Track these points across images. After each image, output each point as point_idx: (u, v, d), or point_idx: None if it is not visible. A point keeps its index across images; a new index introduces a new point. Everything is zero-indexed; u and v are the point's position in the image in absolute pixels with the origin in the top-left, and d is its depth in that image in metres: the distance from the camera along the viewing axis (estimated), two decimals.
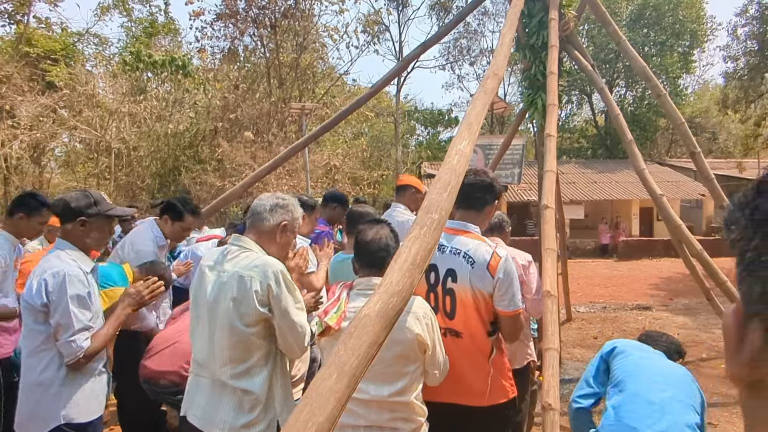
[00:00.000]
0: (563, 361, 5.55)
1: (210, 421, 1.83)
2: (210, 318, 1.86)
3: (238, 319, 1.80)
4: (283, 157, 5.70)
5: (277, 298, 1.80)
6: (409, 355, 1.84)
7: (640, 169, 4.39)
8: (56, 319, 1.98)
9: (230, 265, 1.87)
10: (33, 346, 2.02)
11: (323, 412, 1.11)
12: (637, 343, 2.37)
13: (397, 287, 1.43)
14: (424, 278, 2.12)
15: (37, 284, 1.99)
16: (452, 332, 2.09)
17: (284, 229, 1.99)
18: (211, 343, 1.85)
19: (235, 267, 1.85)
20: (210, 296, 1.86)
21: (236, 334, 1.80)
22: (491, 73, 2.70)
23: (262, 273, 1.80)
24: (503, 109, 10.04)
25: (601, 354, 2.32)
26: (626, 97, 27.18)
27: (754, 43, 14.70)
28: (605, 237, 18.02)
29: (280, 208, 1.99)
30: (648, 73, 4.64)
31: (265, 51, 17.86)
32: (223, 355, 1.82)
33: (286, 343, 1.86)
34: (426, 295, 2.13)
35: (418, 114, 31.66)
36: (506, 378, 2.16)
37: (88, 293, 2.07)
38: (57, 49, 17.02)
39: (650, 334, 2.49)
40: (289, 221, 2.01)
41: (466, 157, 2.01)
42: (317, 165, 15.07)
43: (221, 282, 1.85)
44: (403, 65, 7.01)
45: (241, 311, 1.80)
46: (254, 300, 1.77)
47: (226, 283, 1.84)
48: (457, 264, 2.07)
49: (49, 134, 14.48)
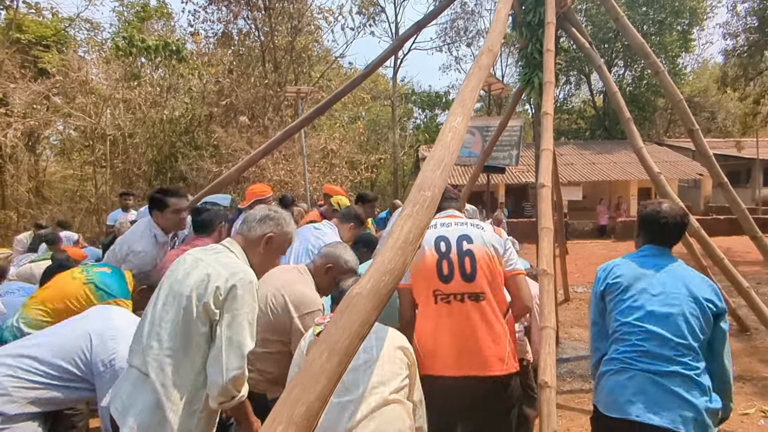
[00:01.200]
0: (561, 341, 5.59)
1: (125, 415, 1.72)
2: (166, 298, 1.79)
3: (192, 305, 1.73)
4: (278, 140, 5.64)
5: (232, 305, 1.72)
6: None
7: (638, 147, 4.35)
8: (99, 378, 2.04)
9: (209, 257, 1.84)
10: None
11: (314, 390, 1.10)
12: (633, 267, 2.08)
13: (389, 265, 1.41)
14: (432, 249, 2.16)
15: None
16: (472, 296, 2.10)
17: (269, 241, 1.96)
18: (152, 324, 1.77)
19: (212, 260, 1.82)
20: (178, 276, 1.82)
21: (184, 320, 1.72)
22: (486, 49, 2.65)
23: (230, 273, 1.76)
24: (501, 90, 9.93)
25: (595, 292, 2.19)
26: (625, 76, 26.95)
27: (754, 19, 14.50)
28: (603, 218, 18.02)
29: (270, 219, 1.98)
30: (646, 50, 4.57)
31: (260, 34, 17.60)
32: (160, 337, 1.72)
33: (214, 363, 1.70)
34: (437, 264, 2.14)
35: (416, 97, 31.45)
36: (515, 345, 2.21)
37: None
38: (48, 34, 16.76)
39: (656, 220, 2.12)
40: (276, 234, 1.98)
41: (460, 134, 1.97)
42: (314, 149, 14.96)
43: (193, 268, 1.81)
44: (397, 45, 6.90)
45: (197, 301, 1.73)
46: (212, 296, 1.71)
47: (197, 269, 1.79)
48: (467, 230, 2.21)
49: (43, 122, 14.31)
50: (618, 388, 1.93)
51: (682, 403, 1.82)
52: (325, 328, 1.83)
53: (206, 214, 3.05)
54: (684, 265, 2.10)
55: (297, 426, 1.01)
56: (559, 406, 3.84)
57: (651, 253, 2.11)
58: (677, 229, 2.10)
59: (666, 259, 2.08)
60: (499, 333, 2.10)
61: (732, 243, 11.27)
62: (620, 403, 1.90)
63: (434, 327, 2.11)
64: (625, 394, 1.89)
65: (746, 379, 4.49)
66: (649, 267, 2.05)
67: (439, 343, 2.08)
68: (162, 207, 3.11)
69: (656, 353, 1.88)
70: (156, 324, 1.75)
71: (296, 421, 1.02)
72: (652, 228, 2.12)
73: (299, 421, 1.02)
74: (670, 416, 1.81)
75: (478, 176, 7.16)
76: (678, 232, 2.12)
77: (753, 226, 4.39)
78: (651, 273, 2.02)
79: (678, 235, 2.14)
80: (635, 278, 2.02)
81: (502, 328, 2.13)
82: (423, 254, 2.17)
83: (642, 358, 1.90)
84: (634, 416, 1.84)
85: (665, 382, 1.85)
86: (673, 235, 2.12)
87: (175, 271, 1.86)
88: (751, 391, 4.23)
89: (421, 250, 2.17)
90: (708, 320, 1.92)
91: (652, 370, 1.87)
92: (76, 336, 2.02)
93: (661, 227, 2.09)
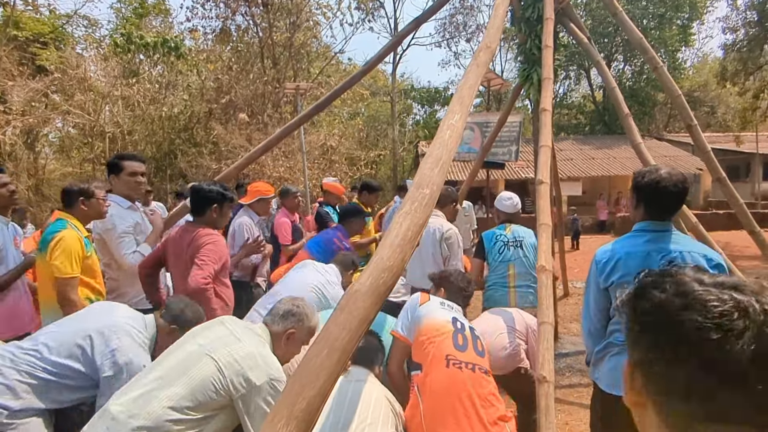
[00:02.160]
0: (560, 336, 5.61)
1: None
2: (189, 357, 1.76)
3: (216, 379, 1.72)
4: (277, 137, 5.64)
5: (258, 398, 1.73)
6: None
7: (636, 143, 4.35)
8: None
9: (247, 339, 1.84)
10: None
11: (314, 386, 1.11)
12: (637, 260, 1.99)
13: (387, 263, 1.43)
14: (449, 321, 2.32)
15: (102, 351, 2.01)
16: (482, 370, 2.21)
17: (290, 337, 1.99)
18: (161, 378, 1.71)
19: (250, 344, 1.82)
20: (210, 341, 1.81)
21: (202, 385, 1.70)
22: (484, 46, 2.65)
23: (266, 366, 1.78)
24: (500, 86, 9.92)
25: (596, 282, 2.11)
26: (624, 71, 26.88)
27: (754, 13, 14.46)
28: (603, 213, 18.04)
29: (292, 315, 2.02)
30: (645, 45, 4.56)
31: (258, 30, 17.54)
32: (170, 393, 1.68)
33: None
34: (453, 335, 2.24)
35: (415, 92, 31.36)
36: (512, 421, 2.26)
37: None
38: (46, 31, 16.71)
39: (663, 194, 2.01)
40: (297, 330, 2.01)
41: (458, 131, 1.98)
42: (314, 146, 14.96)
43: (229, 343, 1.80)
44: (396, 41, 6.89)
45: (222, 377, 1.72)
46: (239, 382, 1.72)
47: (232, 346, 1.79)
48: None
49: (41, 119, 14.30)
50: (619, 367, 1.98)
51: None
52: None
53: (199, 195, 3.01)
54: (685, 242, 2.02)
55: (298, 420, 1.03)
56: (558, 401, 3.87)
57: (653, 237, 2.00)
58: (678, 196, 2.00)
59: (667, 240, 1.99)
60: (505, 411, 2.17)
61: (731, 238, 11.28)
62: (621, 381, 1.94)
63: (446, 389, 2.07)
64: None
65: None
66: (655, 258, 1.97)
67: (445, 404, 2.05)
68: (117, 170, 3.08)
69: None
70: (171, 378, 1.72)
71: (297, 416, 1.04)
72: (651, 198, 2.01)
73: (300, 416, 1.04)
74: None
75: (478, 172, 7.16)
76: (679, 200, 2.03)
77: (751, 221, 4.40)
78: (656, 266, 1.95)
79: (679, 203, 2.04)
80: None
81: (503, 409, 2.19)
82: (439, 320, 2.28)
83: None
84: None
85: None
86: (674, 204, 2.03)
87: (206, 334, 1.86)
88: None
89: (439, 319, 2.30)
90: None
91: None
92: (76, 331, 2.03)
93: (661, 196, 1.98)
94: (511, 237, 3.72)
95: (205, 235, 2.79)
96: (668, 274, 0.65)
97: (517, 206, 3.99)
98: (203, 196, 2.93)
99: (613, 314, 2.06)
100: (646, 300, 0.64)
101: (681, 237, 2.03)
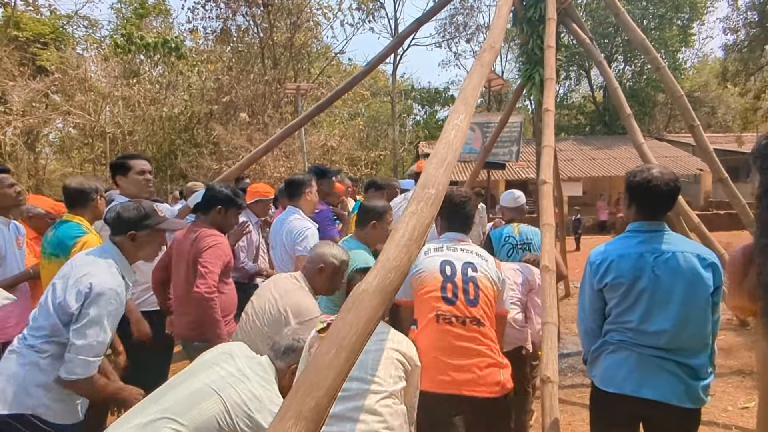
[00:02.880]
0: (562, 336, 5.61)
1: None
2: (194, 388, 1.75)
3: (222, 417, 1.70)
4: (279, 138, 5.65)
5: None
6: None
7: (639, 143, 4.35)
8: (80, 331, 1.87)
9: (254, 378, 1.83)
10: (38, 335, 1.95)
11: (323, 386, 1.11)
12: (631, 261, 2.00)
13: (394, 262, 1.42)
14: (437, 272, 2.20)
15: (77, 287, 1.91)
16: (474, 321, 2.12)
17: (293, 372, 1.97)
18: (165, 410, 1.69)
19: (255, 384, 1.81)
20: (218, 372, 1.80)
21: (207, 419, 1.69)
22: (488, 46, 2.66)
23: (265, 410, 1.75)
24: (501, 86, 9.94)
25: (591, 284, 2.11)
26: (625, 72, 26.92)
27: (755, 13, 14.49)
28: (603, 213, 18.05)
29: (293, 351, 1.98)
30: (647, 46, 4.57)
31: (258, 31, 17.57)
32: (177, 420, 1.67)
33: None
34: (441, 286, 2.16)
35: (415, 93, 31.40)
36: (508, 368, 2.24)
37: (119, 314, 2.00)
38: (46, 32, 16.74)
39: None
40: (299, 364, 1.98)
41: (463, 131, 1.98)
42: (314, 146, 14.97)
43: (236, 382, 1.79)
44: (397, 42, 6.90)
45: (227, 416, 1.71)
46: (242, 421, 1.71)
47: (240, 385, 1.78)
48: (472, 258, 2.26)
49: (42, 120, 14.30)
50: (614, 365, 2.01)
51: (673, 378, 1.91)
52: (327, 324, 1.86)
53: (207, 194, 3.00)
54: (677, 241, 2.03)
55: (307, 420, 1.03)
56: (561, 401, 3.86)
57: (646, 238, 2.03)
58: (670, 195, 2.02)
59: (660, 241, 2.01)
60: (497, 358, 2.14)
61: (732, 238, 11.24)
62: (617, 379, 1.99)
63: (433, 345, 2.10)
64: (621, 372, 1.98)
65: (746, 373, 4.51)
66: (648, 259, 1.99)
67: (437, 360, 2.08)
68: (125, 170, 3.04)
69: (653, 344, 1.95)
70: (177, 412, 1.70)
71: (306, 416, 1.04)
72: (643, 197, 2.03)
73: (309, 416, 1.04)
74: (661, 390, 1.90)
75: (479, 172, 7.17)
76: (671, 199, 2.05)
77: (753, 221, 4.40)
78: (649, 267, 1.97)
79: (671, 202, 2.06)
80: (635, 277, 1.99)
81: (499, 353, 2.17)
82: (428, 275, 2.20)
83: (639, 345, 1.97)
84: (628, 391, 1.94)
85: (660, 361, 1.93)
86: (666, 202, 2.05)
87: (215, 370, 1.83)
88: (751, 386, 4.25)
89: (427, 272, 2.21)
90: (707, 301, 1.95)
91: (647, 353, 1.95)
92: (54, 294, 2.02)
93: (653, 195, 2.00)
94: (519, 239, 3.67)
95: (209, 236, 2.76)
96: None
97: (518, 199, 3.94)
98: (212, 195, 2.92)
99: (608, 314, 2.07)
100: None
101: (674, 236, 2.05)
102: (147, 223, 2.13)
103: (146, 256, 2.22)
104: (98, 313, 1.89)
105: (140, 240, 2.12)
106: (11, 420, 1.89)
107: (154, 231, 2.16)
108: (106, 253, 2.07)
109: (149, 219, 2.13)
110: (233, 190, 3.01)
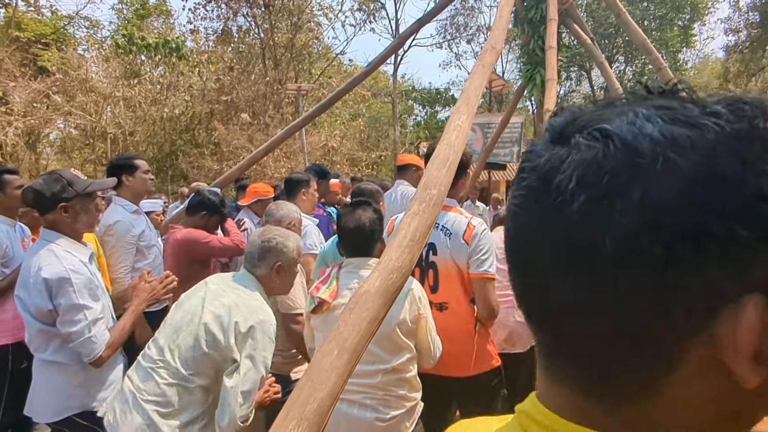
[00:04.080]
0: None
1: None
2: (180, 323, 1.76)
3: (210, 337, 1.69)
4: (280, 138, 5.65)
5: (250, 346, 1.69)
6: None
7: None
8: (66, 320, 1.86)
9: (231, 292, 1.81)
10: (47, 348, 1.96)
11: (325, 387, 1.11)
12: None
13: (396, 263, 1.43)
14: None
15: (37, 288, 1.86)
16: (437, 306, 2.15)
17: (280, 270, 1.91)
18: (161, 349, 1.72)
19: (233, 296, 1.79)
20: (196, 303, 1.79)
21: (198, 348, 1.70)
22: (489, 47, 2.65)
23: (250, 312, 1.73)
24: (501, 87, 9.94)
25: None
26: (626, 72, 26.89)
27: (756, 14, 14.49)
28: None
29: (270, 251, 1.90)
30: (648, 46, 4.56)
31: (259, 31, 17.58)
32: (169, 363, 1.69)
33: (223, 405, 1.65)
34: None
35: (416, 93, 31.39)
36: (491, 346, 2.23)
37: (94, 284, 1.96)
38: (47, 32, 16.74)
39: None
40: (284, 261, 1.92)
41: (465, 132, 1.98)
42: (315, 147, 14.97)
43: (215, 298, 1.78)
44: (398, 43, 6.90)
45: (215, 334, 1.70)
46: (232, 333, 1.68)
47: (218, 300, 1.76)
48: (435, 237, 2.18)
49: (43, 120, 14.32)
50: None
51: None
52: (318, 302, 1.86)
53: (197, 199, 3.15)
54: None
55: (309, 422, 1.03)
56: None
57: None
58: None
59: None
60: (465, 340, 2.12)
61: None
62: None
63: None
64: None
65: None
66: None
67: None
68: (132, 170, 3.03)
69: None
70: (168, 349, 1.72)
71: (308, 417, 1.04)
72: None
73: (311, 417, 1.04)
74: None
75: (480, 173, 7.16)
76: None
77: None
78: None
79: None
80: None
81: (469, 335, 2.13)
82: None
83: None
84: None
85: None
86: None
87: (192, 296, 1.84)
88: None
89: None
90: None
91: None
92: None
93: None
94: None
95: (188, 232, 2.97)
96: None
97: None
98: (201, 201, 3.09)
99: None
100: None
101: None
102: (74, 189, 2.00)
103: (86, 226, 2.11)
104: (69, 298, 1.86)
105: (74, 210, 2.01)
106: (59, 427, 1.96)
107: (84, 196, 2.04)
108: (44, 240, 1.99)
109: (75, 185, 2.00)
110: (221, 200, 3.17)
